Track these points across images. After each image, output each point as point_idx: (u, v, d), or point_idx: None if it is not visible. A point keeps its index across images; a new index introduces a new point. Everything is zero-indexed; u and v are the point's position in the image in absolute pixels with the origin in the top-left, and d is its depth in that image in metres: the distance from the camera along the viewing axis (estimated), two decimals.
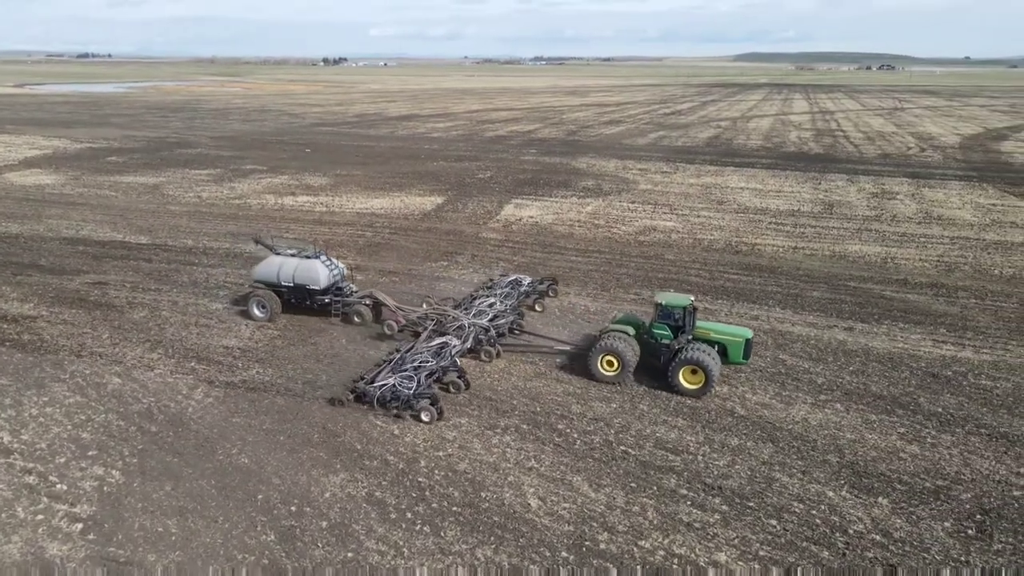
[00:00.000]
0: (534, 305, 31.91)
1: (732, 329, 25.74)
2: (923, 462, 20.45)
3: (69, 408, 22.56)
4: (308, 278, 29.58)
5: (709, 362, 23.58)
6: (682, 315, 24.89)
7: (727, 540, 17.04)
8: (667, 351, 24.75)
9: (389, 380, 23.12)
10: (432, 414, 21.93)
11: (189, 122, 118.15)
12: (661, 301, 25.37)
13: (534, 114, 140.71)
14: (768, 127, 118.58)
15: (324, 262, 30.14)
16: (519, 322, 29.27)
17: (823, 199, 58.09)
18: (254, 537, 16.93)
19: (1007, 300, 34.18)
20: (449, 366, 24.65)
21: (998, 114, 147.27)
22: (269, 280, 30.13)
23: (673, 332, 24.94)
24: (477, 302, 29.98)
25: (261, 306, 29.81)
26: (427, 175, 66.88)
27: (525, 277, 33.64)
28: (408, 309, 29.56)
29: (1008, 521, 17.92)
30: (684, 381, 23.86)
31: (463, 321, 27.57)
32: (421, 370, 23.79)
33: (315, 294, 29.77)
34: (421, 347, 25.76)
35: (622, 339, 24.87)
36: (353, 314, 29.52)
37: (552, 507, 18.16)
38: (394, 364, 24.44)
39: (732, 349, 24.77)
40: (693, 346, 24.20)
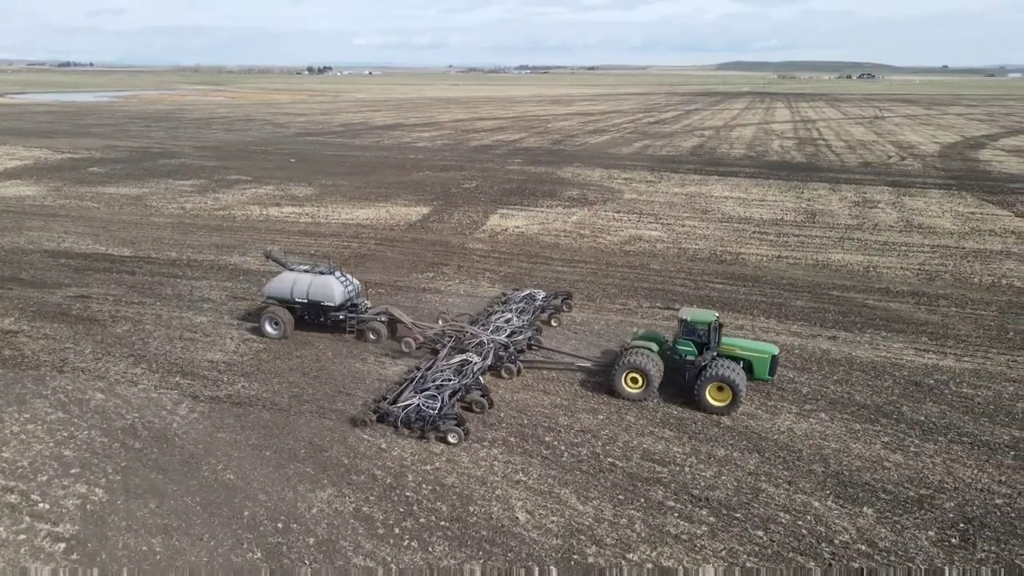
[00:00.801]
0: (549, 320, 31.54)
1: (758, 345, 25.49)
2: (907, 471, 20.66)
3: (51, 425, 22.29)
4: (323, 294, 29.04)
5: (736, 379, 23.27)
6: (707, 331, 24.57)
7: (714, 552, 17.12)
8: (692, 367, 24.37)
9: (413, 400, 22.63)
10: (459, 435, 21.44)
11: (172, 132, 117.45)
12: (686, 317, 24.97)
13: (519, 123, 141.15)
14: (751, 136, 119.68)
15: (339, 278, 29.58)
16: (537, 338, 28.77)
17: (806, 208, 58.67)
18: (240, 555, 16.79)
19: (987, 308, 34.65)
20: (472, 384, 24.19)
21: (975, 123, 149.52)
22: (282, 296, 29.54)
23: (697, 348, 24.61)
24: (494, 318, 29.52)
25: (274, 323, 29.19)
26: (413, 185, 66.87)
27: (539, 291, 33.22)
28: (424, 326, 28.99)
29: (991, 529, 18.13)
30: (710, 398, 23.49)
31: (482, 338, 27.02)
32: (444, 389, 23.33)
33: (329, 311, 29.19)
34: (441, 365, 25.22)
35: (646, 355, 24.47)
36: (368, 331, 28.93)
37: (540, 520, 18.16)
38: (415, 383, 23.91)
39: (758, 365, 24.51)
40: (719, 363, 23.84)
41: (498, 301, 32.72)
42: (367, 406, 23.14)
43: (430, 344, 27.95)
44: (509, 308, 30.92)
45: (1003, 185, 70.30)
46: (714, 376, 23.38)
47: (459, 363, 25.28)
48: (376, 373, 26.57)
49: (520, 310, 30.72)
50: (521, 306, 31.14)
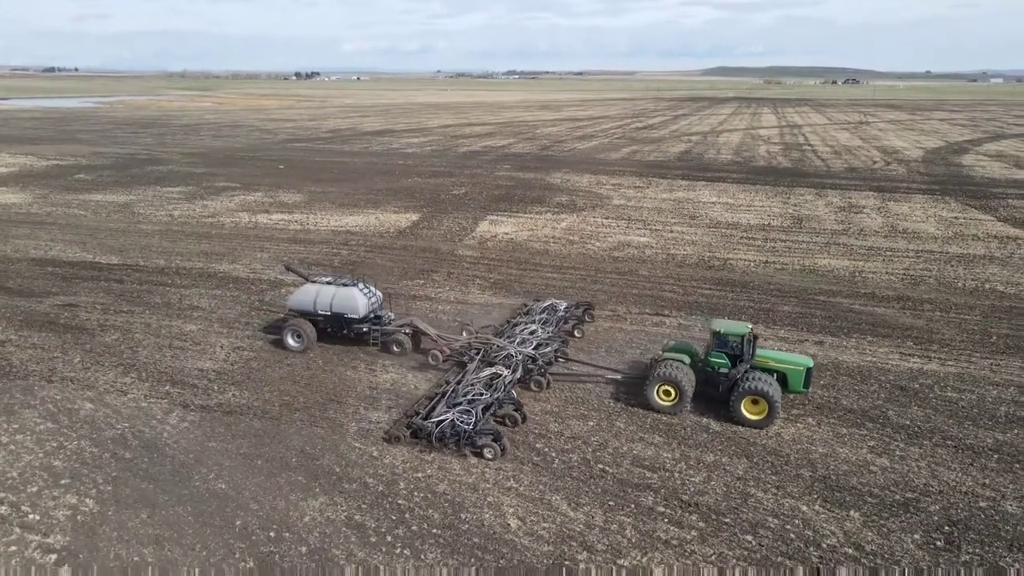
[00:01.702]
0: (573, 331, 31.18)
1: (792, 357, 25.07)
2: (892, 475, 20.95)
3: (40, 435, 22.21)
4: (346, 307, 28.71)
5: (773, 392, 23.00)
6: (739, 343, 24.37)
7: (704, 557, 17.30)
8: (726, 380, 24.12)
9: (447, 415, 22.29)
10: (496, 451, 21.15)
11: (159, 138, 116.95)
12: (719, 329, 24.69)
13: (507, 129, 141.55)
14: (738, 141, 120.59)
15: (362, 290, 29.28)
16: (563, 349, 28.36)
17: (792, 213, 59.23)
18: (232, 565, 16.81)
19: (970, 312, 35.14)
20: (504, 398, 23.88)
21: (958, 127, 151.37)
22: (305, 309, 29.16)
23: (731, 360, 24.45)
24: (518, 329, 29.21)
25: (297, 336, 28.79)
26: (402, 191, 66.96)
27: (560, 302, 32.87)
28: (449, 338, 28.64)
29: (975, 532, 18.42)
30: (746, 412, 23.26)
31: (509, 350, 26.56)
32: (476, 403, 23.02)
33: (353, 323, 28.87)
34: (471, 379, 24.87)
35: (679, 368, 24.22)
36: (392, 343, 28.61)
37: (532, 527, 18.29)
38: (447, 397, 23.58)
39: (792, 378, 24.12)
40: (754, 375, 23.54)
41: (520, 312, 32.34)
42: (400, 422, 22.73)
43: (456, 357, 27.55)
44: (532, 319, 30.49)
45: (986, 190, 71.23)
46: (749, 389, 23.08)
47: (489, 376, 24.90)
48: (367, 380, 26.63)
49: (543, 321, 30.33)
50: (543, 317, 30.76)
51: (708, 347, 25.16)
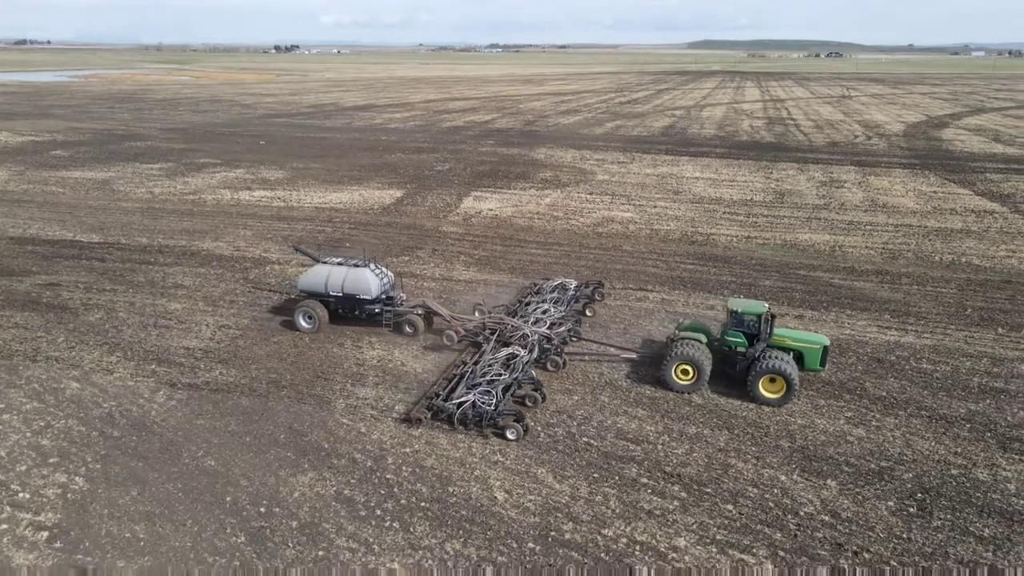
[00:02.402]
0: (584, 310, 31.06)
1: (809, 336, 25.21)
2: (868, 444, 21.54)
3: (27, 414, 22.24)
4: (358, 288, 28.51)
5: (791, 371, 23.16)
6: (756, 322, 24.51)
7: (686, 526, 17.80)
8: (743, 359, 24.32)
9: (468, 397, 22.28)
10: (518, 432, 21.18)
11: (137, 113, 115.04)
12: (736, 308, 24.84)
13: (491, 104, 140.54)
14: (721, 116, 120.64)
15: (373, 270, 29.11)
16: (576, 329, 28.36)
17: (775, 188, 59.64)
18: (224, 539, 17.08)
19: (946, 286, 35.81)
20: (523, 379, 23.97)
21: (939, 101, 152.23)
22: (316, 290, 28.98)
23: (748, 339, 24.63)
24: (531, 309, 29.21)
25: (308, 317, 28.66)
26: (385, 168, 66.58)
27: (570, 281, 32.78)
28: (462, 318, 28.58)
29: (947, 499, 19.05)
30: (764, 391, 23.48)
31: (525, 330, 26.52)
32: (496, 384, 23.03)
33: (365, 304, 28.78)
34: (489, 359, 24.86)
35: (697, 347, 24.31)
36: (405, 324, 28.49)
37: (518, 499, 18.68)
38: (466, 379, 23.52)
39: (809, 356, 24.33)
40: (772, 354, 23.69)
41: (530, 291, 32.26)
42: (419, 403, 22.76)
43: (471, 337, 27.57)
44: (543, 299, 30.42)
45: (964, 164, 71.99)
46: (767, 368, 23.27)
47: (507, 357, 24.86)
48: (354, 357, 26.80)
49: (554, 300, 30.29)
50: (555, 296, 30.72)
51: (725, 326, 25.27)
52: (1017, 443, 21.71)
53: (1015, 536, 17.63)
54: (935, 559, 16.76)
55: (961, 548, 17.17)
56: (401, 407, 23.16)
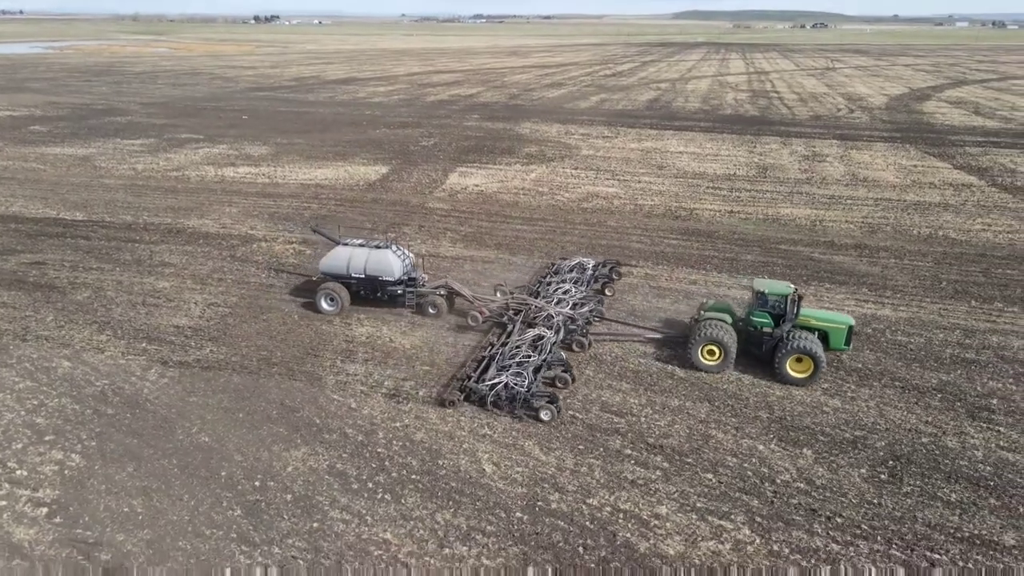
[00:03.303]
0: (603, 289, 31.17)
1: (834, 316, 25.42)
2: (843, 415, 22.33)
3: (20, 393, 22.50)
4: (381, 269, 28.50)
5: (819, 351, 23.42)
6: (782, 303, 24.64)
7: (667, 494, 18.50)
8: (769, 339, 24.48)
9: (501, 378, 22.38)
10: (552, 413, 21.36)
11: (116, 87, 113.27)
12: (762, 289, 24.99)
13: (475, 77, 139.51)
14: (706, 89, 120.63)
15: (395, 252, 29.09)
16: (599, 309, 28.50)
17: (758, 162, 60.15)
18: (221, 513, 17.57)
19: (923, 259, 36.62)
20: (552, 360, 24.07)
21: (922, 74, 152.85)
22: (338, 272, 28.91)
23: (774, 320, 24.77)
24: (552, 289, 29.31)
25: (330, 299, 28.63)
26: (370, 143, 66.34)
27: (588, 260, 32.78)
28: (485, 299, 28.70)
29: (916, 465, 19.88)
30: (791, 370, 23.77)
31: (549, 310, 26.69)
32: (525, 365, 23.13)
33: (388, 285, 28.80)
34: (516, 340, 24.93)
35: (723, 328, 24.43)
36: (428, 305, 28.60)
37: (506, 471, 19.29)
38: (497, 360, 23.64)
39: (834, 336, 24.56)
40: (798, 335, 23.86)
41: (549, 271, 32.32)
42: (451, 385, 22.92)
43: (495, 318, 27.68)
44: (563, 278, 30.52)
45: (944, 137, 72.78)
46: (795, 348, 23.50)
47: (534, 338, 24.99)
48: (342, 334, 27.20)
49: (574, 280, 30.37)
50: (573, 276, 30.80)
51: (750, 306, 25.49)
52: (985, 412, 22.57)
53: (980, 501, 18.49)
54: (904, 523, 17.59)
55: (929, 512, 18.00)
56: (390, 383, 23.66)
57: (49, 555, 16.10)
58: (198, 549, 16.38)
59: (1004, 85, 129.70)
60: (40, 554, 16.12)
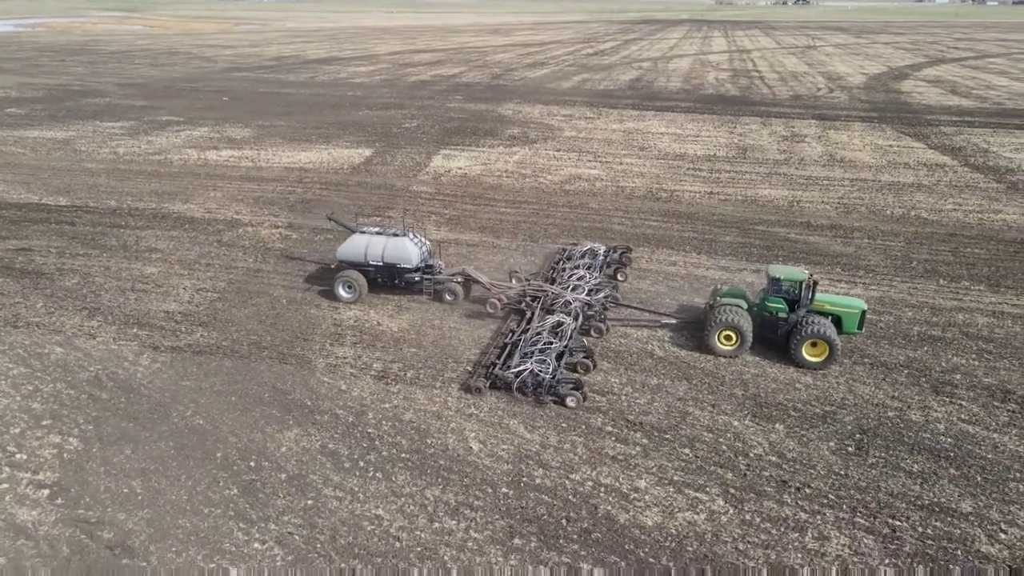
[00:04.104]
0: (615, 275, 31.57)
1: (847, 301, 25.91)
2: (814, 391, 23.34)
3: (15, 379, 22.93)
4: (399, 257, 28.84)
5: (833, 336, 24.04)
6: (797, 289, 25.20)
7: (647, 469, 19.42)
8: (784, 324, 25.04)
9: (526, 366, 22.75)
10: (578, 399, 21.86)
11: (91, 67, 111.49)
12: (777, 275, 25.56)
13: (457, 56, 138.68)
14: (687, 68, 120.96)
15: (412, 239, 29.37)
16: (614, 295, 28.95)
17: (737, 143, 60.93)
18: (217, 492, 18.25)
19: (895, 239, 37.69)
20: (574, 346, 24.49)
21: (901, 51, 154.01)
22: (356, 260, 29.17)
23: (789, 306, 25.30)
24: (567, 275, 29.64)
25: (348, 287, 28.90)
26: (353, 125, 66.30)
27: (599, 245, 33.05)
28: (503, 286, 28.97)
29: (882, 439, 20.93)
30: (807, 355, 24.36)
31: (567, 297, 27.07)
32: (548, 352, 23.47)
33: (406, 273, 29.14)
34: (537, 327, 25.29)
35: (740, 313, 24.93)
36: (445, 292, 28.92)
37: (492, 449, 20.10)
38: (520, 347, 24.03)
39: (847, 320, 25.02)
40: (813, 320, 24.38)
41: (561, 257, 32.53)
42: (477, 372, 23.33)
43: (513, 305, 28.01)
44: (576, 264, 30.83)
45: (920, 117, 73.95)
46: (811, 333, 24.07)
47: (554, 324, 25.31)
48: (331, 318, 27.78)
49: (587, 266, 30.69)
50: (586, 262, 31.07)
51: (765, 292, 25.95)
52: (948, 387, 23.68)
53: (940, 471, 19.58)
54: (868, 492, 18.63)
55: (892, 482, 19.06)
56: (379, 365, 24.33)
57: (53, 534, 16.72)
58: (197, 527, 17.07)
59: (981, 63, 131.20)
60: (44, 534, 16.74)
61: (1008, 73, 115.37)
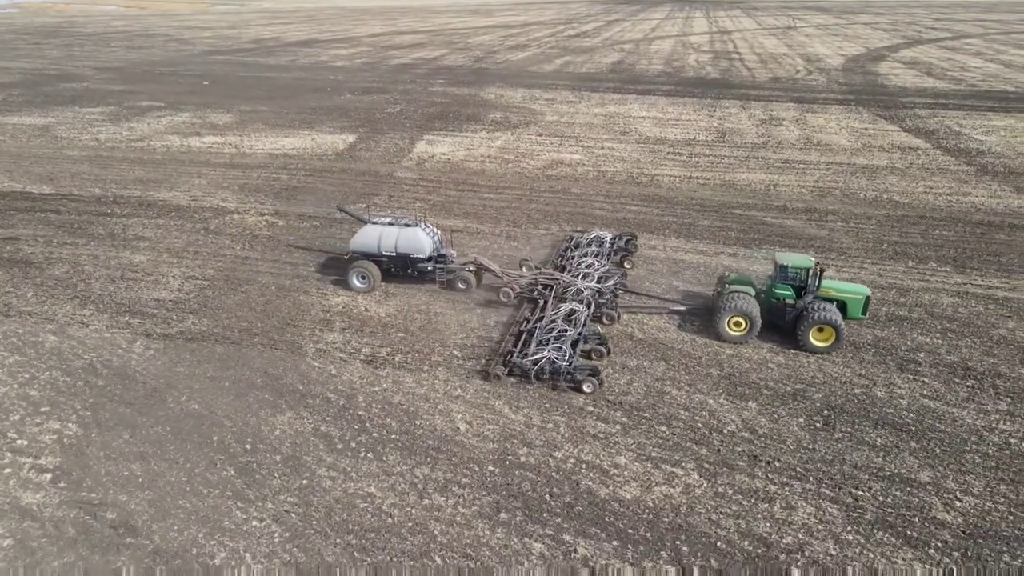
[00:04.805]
0: (622, 262, 32.01)
1: (851, 287, 26.78)
2: (786, 370, 24.43)
3: (11, 368, 23.45)
4: (412, 247, 29.26)
5: (840, 321, 24.81)
6: (803, 276, 25.90)
7: (626, 446, 20.40)
8: (792, 310, 25.74)
9: (543, 353, 23.28)
10: (594, 386, 22.51)
11: (67, 50, 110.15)
12: (785, 263, 26.24)
13: (439, 38, 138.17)
14: (669, 50, 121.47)
15: (424, 229, 29.80)
16: (623, 282, 29.54)
17: (717, 127, 61.83)
18: (215, 473, 19.01)
19: (867, 222, 38.85)
20: (588, 334, 25.06)
21: (880, 32, 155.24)
22: (369, 251, 29.59)
23: (795, 292, 26.03)
24: (575, 263, 30.14)
25: (362, 277, 29.36)
26: (335, 110, 66.38)
27: (605, 233, 33.61)
28: (514, 274, 29.47)
29: (848, 414, 22.06)
30: (814, 340, 25.12)
31: (578, 285, 27.63)
32: (563, 339, 24.08)
33: (418, 262, 29.57)
34: (552, 315, 25.81)
35: (749, 300, 25.60)
36: (458, 281, 29.42)
37: (478, 429, 20.99)
38: (536, 335, 24.54)
39: (852, 306, 25.83)
40: (819, 306, 25.11)
41: (569, 245, 33.02)
42: (494, 361, 23.90)
43: (526, 293, 28.52)
44: (584, 252, 31.33)
45: (896, 99, 75.18)
46: (818, 319, 24.84)
47: (567, 313, 25.81)
48: (319, 304, 28.44)
49: (594, 254, 31.19)
50: (593, 250, 31.61)
51: (772, 279, 26.71)
52: (913, 364, 24.86)
53: (902, 444, 20.74)
54: (834, 465, 19.75)
55: (856, 455, 20.19)
56: (367, 350, 25.10)
57: (58, 516, 17.43)
58: (197, 507, 17.84)
59: (957, 44, 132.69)
60: (49, 515, 17.44)
61: (983, 54, 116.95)
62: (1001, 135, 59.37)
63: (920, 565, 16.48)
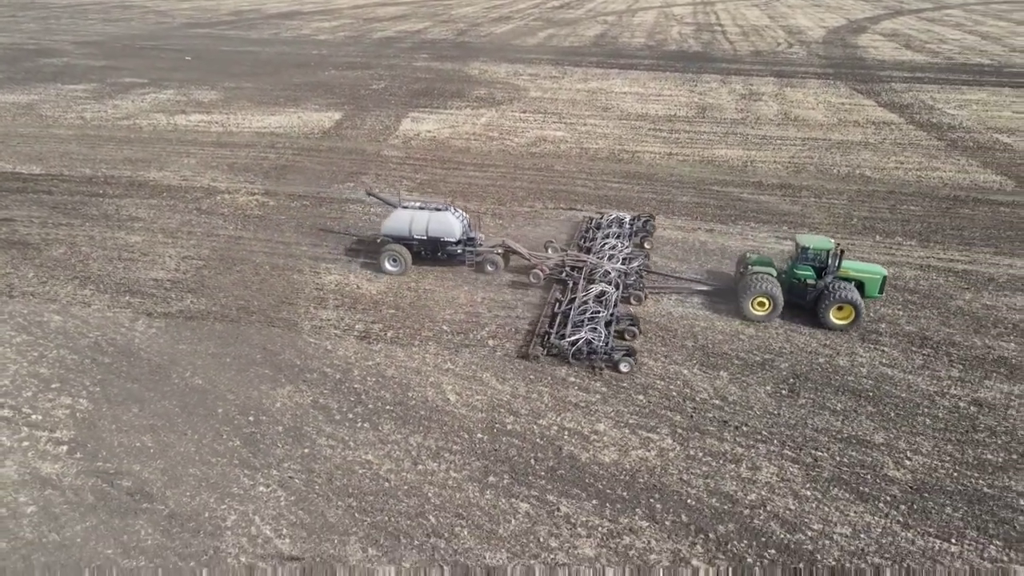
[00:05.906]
0: (642, 243, 32.77)
1: (868, 267, 27.85)
2: (756, 341, 25.99)
3: (19, 347, 24.51)
4: (443, 231, 29.93)
5: (859, 300, 25.99)
6: (824, 257, 27.04)
7: (605, 414, 21.92)
8: (812, 290, 26.81)
9: (581, 334, 24.22)
10: (630, 364, 23.46)
11: (43, 23, 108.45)
12: (807, 244, 27.37)
13: (422, 9, 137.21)
14: (652, 22, 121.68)
15: (454, 213, 30.59)
16: (646, 263, 30.44)
17: (697, 102, 62.90)
18: (222, 444, 20.33)
19: (839, 197, 40.36)
20: (620, 315, 26.05)
21: (862, 3, 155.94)
22: (400, 235, 30.24)
23: (816, 273, 27.11)
24: (599, 244, 30.92)
25: (394, 260, 30.03)
26: (320, 87, 66.66)
27: (624, 215, 34.35)
28: (541, 256, 30.33)
29: (812, 382, 23.69)
30: (834, 318, 26.28)
31: (606, 267, 28.60)
32: (597, 320, 25.06)
33: (449, 246, 30.26)
34: (583, 296, 26.73)
35: (772, 281, 26.63)
36: (487, 263, 30.19)
37: (468, 399, 22.42)
38: (571, 317, 25.37)
39: (869, 285, 26.88)
40: (839, 285, 26.24)
41: (591, 227, 33.71)
42: (533, 342, 24.82)
43: (554, 275, 29.49)
44: (607, 234, 32.09)
45: (874, 73, 76.48)
46: (838, 298, 26.00)
47: (598, 294, 26.76)
48: (313, 283, 29.59)
49: (616, 235, 31.97)
50: (615, 231, 32.40)
51: (793, 260, 27.79)
52: (874, 335, 26.52)
53: (860, 408, 22.42)
54: (796, 429, 21.40)
55: (817, 419, 21.85)
56: (361, 326, 26.36)
57: (77, 484, 18.70)
58: (207, 474, 19.18)
59: (938, 15, 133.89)
60: (68, 484, 18.71)
61: (962, 26, 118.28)
62: (973, 109, 60.98)
63: (871, 517, 18.18)
